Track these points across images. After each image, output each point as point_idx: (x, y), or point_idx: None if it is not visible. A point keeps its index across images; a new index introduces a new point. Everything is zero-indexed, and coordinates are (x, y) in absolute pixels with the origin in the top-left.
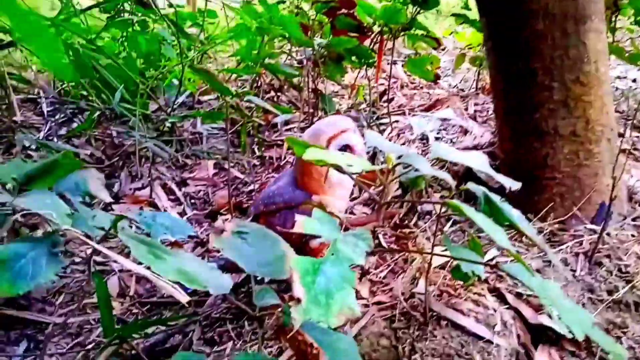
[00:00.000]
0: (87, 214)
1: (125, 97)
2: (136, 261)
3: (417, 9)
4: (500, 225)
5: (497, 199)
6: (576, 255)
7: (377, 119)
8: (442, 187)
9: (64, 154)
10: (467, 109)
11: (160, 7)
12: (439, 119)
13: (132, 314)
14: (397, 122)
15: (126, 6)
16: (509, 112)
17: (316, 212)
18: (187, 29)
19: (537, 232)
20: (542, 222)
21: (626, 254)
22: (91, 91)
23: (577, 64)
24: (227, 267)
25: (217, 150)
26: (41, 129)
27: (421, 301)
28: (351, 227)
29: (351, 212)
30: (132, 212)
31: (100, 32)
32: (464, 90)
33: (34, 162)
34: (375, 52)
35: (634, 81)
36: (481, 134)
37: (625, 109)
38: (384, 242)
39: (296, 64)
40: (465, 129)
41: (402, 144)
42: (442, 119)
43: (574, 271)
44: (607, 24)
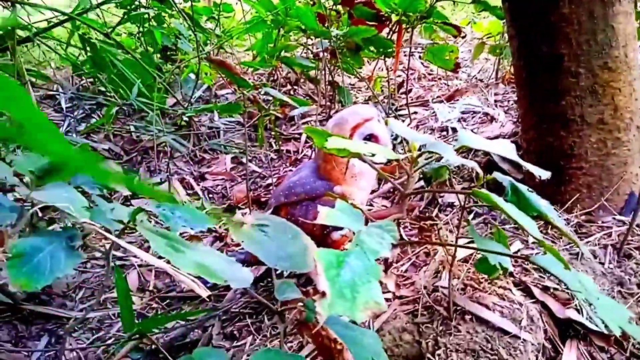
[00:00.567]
0: (105, 207)
1: (142, 92)
2: (155, 255)
3: None
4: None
5: (524, 189)
6: (605, 247)
7: (396, 110)
8: (464, 178)
9: (82, 146)
10: (487, 100)
11: (176, 2)
12: (463, 105)
13: (151, 308)
14: (416, 113)
15: (142, 1)
16: (533, 100)
17: (339, 203)
18: (203, 23)
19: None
20: (569, 213)
21: None
22: (109, 87)
23: (604, 49)
24: (247, 261)
25: (234, 144)
26: (60, 125)
27: (445, 295)
28: (373, 220)
29: (370, 204)
30: (150, 205)
31: (116, 25)
32: (482, 80)
33: None
34: (393, 42)
35: None
36: (503, 124)
37: None
38: (404, 235)
39: (312, 56)
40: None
41: None
42: (466, 104)
43: (602, 264)
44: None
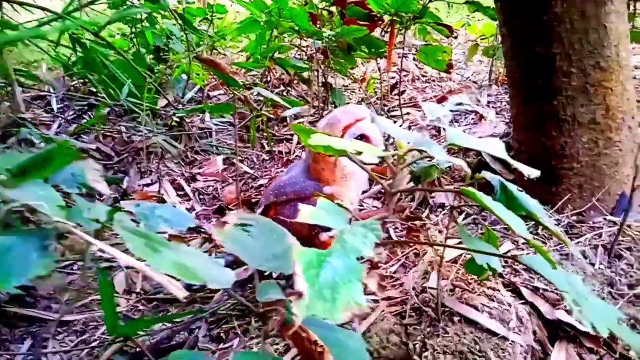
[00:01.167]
0: (83, 206)
1: (133, 93)
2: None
3: None
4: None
5: (514, 188)
6: (595, 247)
7: (388, 111)
8: (455, 179)
9: (61, 143)
10: (479, 101)
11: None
12: (453, 103)
13: (137, 310)
14: (408, 114)
15: (135, 1)
16: (525, 99)
17: (322, 201)
18: (197, 24)
19: (554, 223)
20: (559, 213)
21: None
22: (99, 87)
23: (597, 48)
24: (236, 263)
25: (226, 144)
26: (51, 126)
27: (433, 296)
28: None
29: (360, 205)
30: (129, 204)
31: (105, 24)
32: (476, 82)
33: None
34: (386, 42)
35: None
36: (496, 125)
37: None
38: (394, 236)
39: (306, 58)
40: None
41: None
42: (457, 104)
43: (592, 264)
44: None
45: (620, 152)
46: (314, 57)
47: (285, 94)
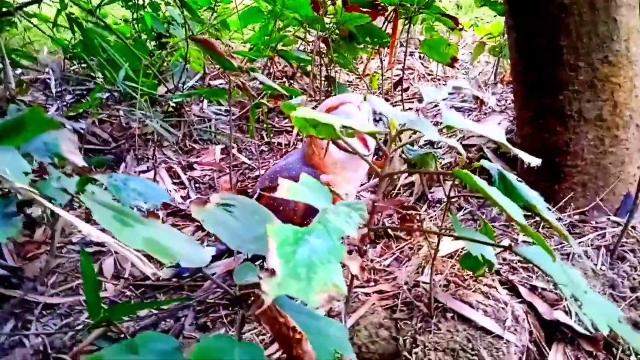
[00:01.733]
0: (54, 175)
1: (132, 77)
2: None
3: None
4: None
5: (513, 177)
6: (597, 248)
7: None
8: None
9: (32, 110)
10: (480, 87)
11: None
12: (452, 87)
13: (125, 296)
14: (410, 109)
15: None
16: (530, 93)
17: (304, 177)
18: (200, 13)
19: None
20: (561, 212)
21: None
22: (97, 71)
23: (605, 42)
24: (228, 250)
25: (224, 134)
26: (49, 109)
27: (426, 291)
28: None
29: (357, 197)
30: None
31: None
32: (482, 82)
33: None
34: (388, 33)
35: None
36: (499, 122)
37: None
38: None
39: (309, 51)
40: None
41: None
42: (455, 87)
43: (594, 265)
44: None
45: (626, 150)
46: (316, 44)
47: (288, 86)
